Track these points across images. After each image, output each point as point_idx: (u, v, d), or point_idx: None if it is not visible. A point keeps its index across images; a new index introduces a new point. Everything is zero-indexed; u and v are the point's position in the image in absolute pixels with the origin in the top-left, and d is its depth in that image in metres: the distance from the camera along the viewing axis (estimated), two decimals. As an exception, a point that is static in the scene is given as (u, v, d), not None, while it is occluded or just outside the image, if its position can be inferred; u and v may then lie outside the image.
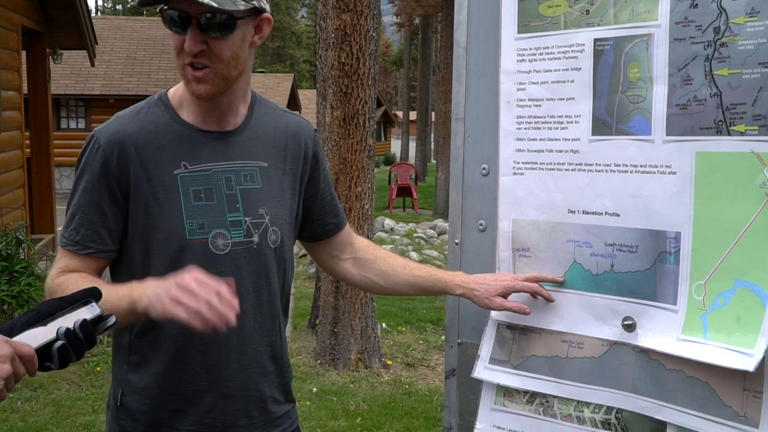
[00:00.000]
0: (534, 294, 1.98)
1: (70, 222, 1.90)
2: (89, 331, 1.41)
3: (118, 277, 1.94)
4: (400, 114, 56.50)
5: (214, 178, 1.90)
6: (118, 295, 1.71)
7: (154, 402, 1.93)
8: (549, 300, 1.97)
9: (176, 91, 1.95)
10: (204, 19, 1.74)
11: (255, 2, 1.81)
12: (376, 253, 2.22)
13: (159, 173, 1.86)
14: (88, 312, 1.43)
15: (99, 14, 53.90)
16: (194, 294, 1.57)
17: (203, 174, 1.89)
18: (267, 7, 1.87)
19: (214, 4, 1.72)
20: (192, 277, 1.61)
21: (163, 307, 1.60)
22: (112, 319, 1.46)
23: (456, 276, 2.07)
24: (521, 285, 1.98)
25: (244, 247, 1.91)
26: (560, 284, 1.97)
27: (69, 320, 1.40)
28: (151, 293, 1.64)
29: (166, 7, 1.77)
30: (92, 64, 13.85)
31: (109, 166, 1.85)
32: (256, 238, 1.93)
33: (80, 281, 1.78)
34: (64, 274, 1.87)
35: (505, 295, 1.99)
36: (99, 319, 1.44)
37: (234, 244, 1.90)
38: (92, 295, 1.46)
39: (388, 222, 17.28)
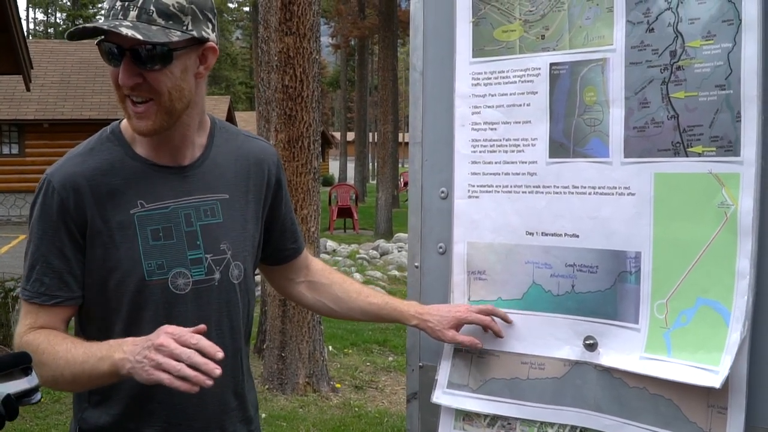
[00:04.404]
0: (485, 327, 2.00)
1: (30, 273, 1.79)
2: (12, 405, 1.36)
3: (78, 323, 1.87)
4: (337, 135, 56.62)
5: (173, 215, 1.83)
6: (96, 356, 1.65)
7: None
8: (498, 336, 1.99)
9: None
10: (138, 51, 1.67)
11: (194, 32, 1.72)
12: (332, 278, 2.21)
13: (115, 214, 1.78)
14: (26, 383, 1.39)
15: (31, 38, 52.92)
16: (174, 355, 1.52)
17: (161, 212, 1.82)
18: (211, 35, 1.78)
19: (140, 37, 1.63)
20: (169, 335, 1.54)
21: (146, 375, 1.54)
22: (38, 396, 1.41)
23: (411, 306, 2.08)
24: (473, 317, 2.00)
25: (206, 285, 1.85)
26: (520, 306, 1.98)
27: None
28: (132, 357, 1.57)
29: (103, 39, 1.70)
30: (28, 89, 13.56)
31: (67, 209, 1.76)
32: (217, 275, 1.87)
33: (52, 340, 1.72)
34: (33, 331, 1.77)
35: (458, 327, 2.01)
36: (25, 394, 1.39)
37: (195, 282, 1.84)
38: (22, 361, 1.41)
39: (330, 243, 17.24)
